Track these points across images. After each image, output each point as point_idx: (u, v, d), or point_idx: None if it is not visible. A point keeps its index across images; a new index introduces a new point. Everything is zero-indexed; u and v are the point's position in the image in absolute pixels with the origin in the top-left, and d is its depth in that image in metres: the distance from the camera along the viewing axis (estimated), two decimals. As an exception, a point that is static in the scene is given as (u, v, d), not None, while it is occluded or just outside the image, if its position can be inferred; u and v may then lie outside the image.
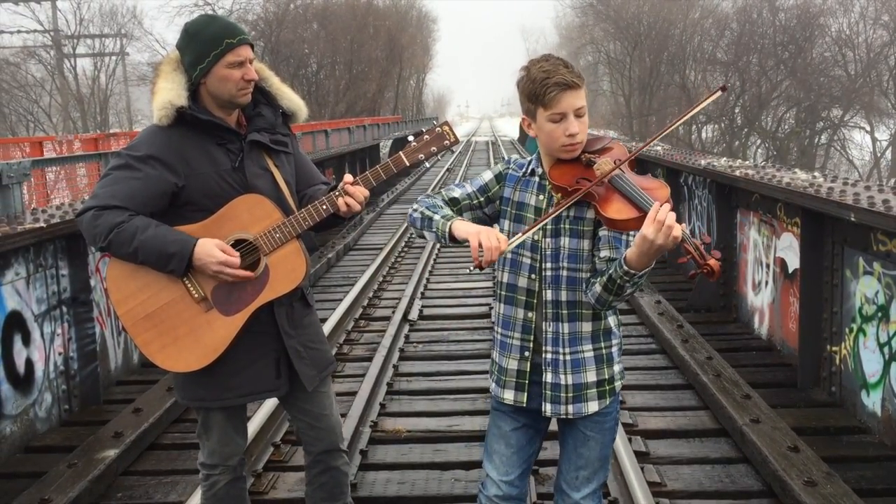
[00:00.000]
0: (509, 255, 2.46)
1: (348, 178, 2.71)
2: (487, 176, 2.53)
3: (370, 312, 7.79)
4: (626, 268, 2.19)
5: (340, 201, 2.68)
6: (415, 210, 2.47)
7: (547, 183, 2.41)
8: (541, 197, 2.43)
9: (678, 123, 2.54)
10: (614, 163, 2.32)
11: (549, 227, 2.40)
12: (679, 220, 2.13)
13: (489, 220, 2.54)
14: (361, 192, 2.70)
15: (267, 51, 38.83)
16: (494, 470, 2.55)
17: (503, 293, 2.50)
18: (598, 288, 2.30)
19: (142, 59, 42.55)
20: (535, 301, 2.44)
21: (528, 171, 2.48)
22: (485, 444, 2.63)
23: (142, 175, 2.62)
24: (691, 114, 2.49)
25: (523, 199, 2.46)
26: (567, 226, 2.39)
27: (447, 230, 2.34)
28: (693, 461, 4.31)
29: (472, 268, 2.27)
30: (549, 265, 2.41)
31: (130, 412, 4.86)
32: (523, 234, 2.33)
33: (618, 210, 2.23)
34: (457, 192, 2.52)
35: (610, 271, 2.25)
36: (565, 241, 2.39)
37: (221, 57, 2.62)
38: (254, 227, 2.68)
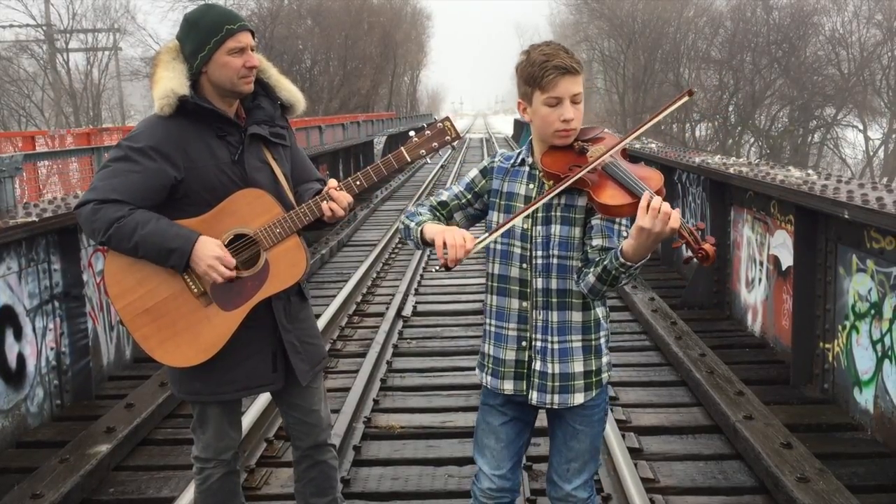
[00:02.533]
0: (499, 247, 2.46)
1: (332, 182, 2.71)
2: (473, 173, 2.56)
3: (364, 308, 7.79)
4: (622, 259, 2.18)
5: (324, 206, 2.67)
6: (400, 222, 2.54)
7: (538, 172, 2.41)
8: (531, 186, 2.43)
9: (651, 122, 2.51)
10: (606, 148, 2.33)
11: (539, 214, 2.39)
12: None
13: (482, 215, 2.56)
14: (345, 197, 2.70)
15: (261, 47, 38.56)
16: (486, 464, 2.55)
17: (495, 284, 2.49)
18: (591, 278, 2.29)
19: (135, 54, 42.34)
20: (528, 290, 2.44)
21: (518, 160, 2.49)
22: (474, 438, 2.63)
23: (141, 168, 2.60)
24: (662, 115, 2.45)
25: (512, 188, 2.46)
26: (558, 213, 2.38)
27: (418, 235, 2.40)
28: (686, 457, 4.31)
29: (437, 267, 2.29)
30: (539, 253, 2.41)
31: (123, 407, 4.84)
32: (492, 232, 2.35)
33: (611, 196, 2.23)
34: (444, 196, 2.57)
35: (605, 262, 2.24)
36: (556, 229, 2.38)
37: (222, 43, 2.61)
38: (254, 221, 2.67)
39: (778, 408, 4.83)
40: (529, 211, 2.35)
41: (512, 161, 2.50)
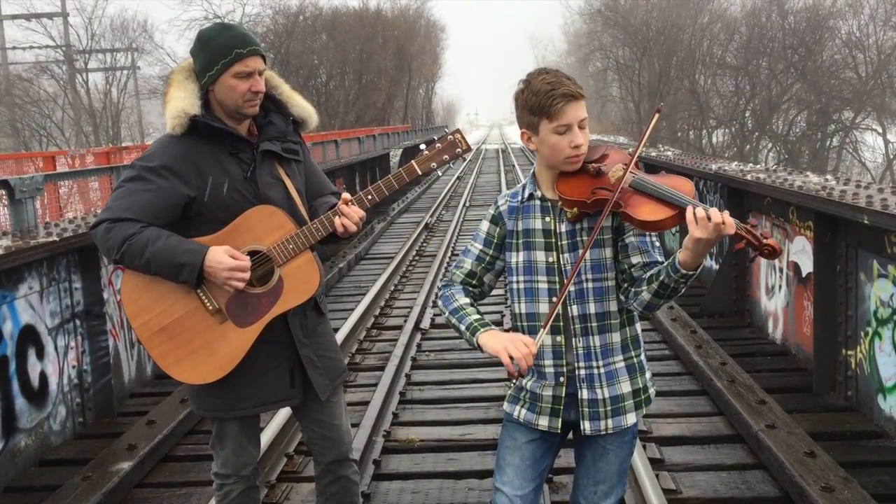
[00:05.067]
0: (522, 285, 2.42)
1: (346, 196, 2.70)
2: (485, 226, 2.50)
3: (382, 321, 7.80)
4: (682, 271, 2.17)
5: (337, 221, 2.68)
6: (441, 309, 2.51)
7: (549, 204, 2.37)
8: (547, 219, 2.38)
9: (643, 141, 2.50)
10: (624, 166, 2.30)
11: (564, 242, 2.36)
12: None
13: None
14: (357, 212, 2.70)
15: (277, 62, 39.02)
16: (507, 484, 2.46)
17: (524, 324, 2.42)
18: (647, 296, 2.26)
19: (153, 72, 42.90)
20: (560, 324, 2.38)
21: (525, 196, 2.43)
22: (497, 458, 2.55)
23: (154, 187, 2.63)
24: (646, 135, 2.47)
25: (528, 225, 2.41)
26: (584, 238, 2.34)
27: (475, 344, 2.37)
28: (708, 468, 4.28)
29: (514, 382, 2.36)
30: (571, 281, 2.35)
31: (144, 424, 4.87)
32: (553, 310, 2.29)
33: (651, 211, 2.20)
34: (468, 264, 2.51)
35: (661, 277, 2.22)
36: (586, 254, 2.32)
37: (229, 66, 2.62)
38: (267, 238, 2.68)
39: (801, 416, 4.78)
40: (592, 240, 2.28)
41: (519, 198, 2.44)
